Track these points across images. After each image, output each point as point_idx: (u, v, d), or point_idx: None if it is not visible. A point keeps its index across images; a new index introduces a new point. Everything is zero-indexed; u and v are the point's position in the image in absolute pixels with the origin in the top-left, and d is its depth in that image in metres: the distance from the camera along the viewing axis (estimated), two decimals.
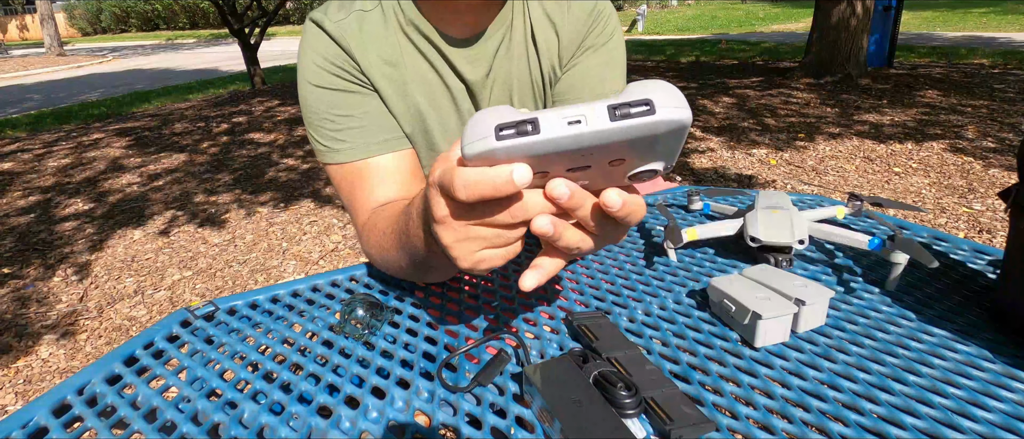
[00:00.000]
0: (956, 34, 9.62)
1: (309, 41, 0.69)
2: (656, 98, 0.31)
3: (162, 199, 3.54)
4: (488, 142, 0.32)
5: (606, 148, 0.33)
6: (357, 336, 0.62)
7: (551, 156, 0.33)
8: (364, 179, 0.70)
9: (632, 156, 0.34)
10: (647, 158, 0.35)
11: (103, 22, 25.89)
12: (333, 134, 0.70)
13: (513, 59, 0.73)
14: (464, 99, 0.73)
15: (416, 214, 0.49)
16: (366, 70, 0.69)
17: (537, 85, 0.75)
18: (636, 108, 0.31)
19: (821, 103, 5.11)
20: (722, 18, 15.41)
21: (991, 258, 0.79)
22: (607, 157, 0.34)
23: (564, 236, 0.38)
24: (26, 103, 7.98)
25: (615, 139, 0.31)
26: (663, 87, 0.31)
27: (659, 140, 0.32)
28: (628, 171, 0.36)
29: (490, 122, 0.32)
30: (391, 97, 0.71)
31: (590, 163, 0.35)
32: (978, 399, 0.50)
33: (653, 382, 0.50)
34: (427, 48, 0.70)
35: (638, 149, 0.33)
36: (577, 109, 0.31)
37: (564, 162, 0.34)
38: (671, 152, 0.35)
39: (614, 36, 0.75)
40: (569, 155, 0.33)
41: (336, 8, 0.69)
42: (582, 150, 0.32)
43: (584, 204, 0.37)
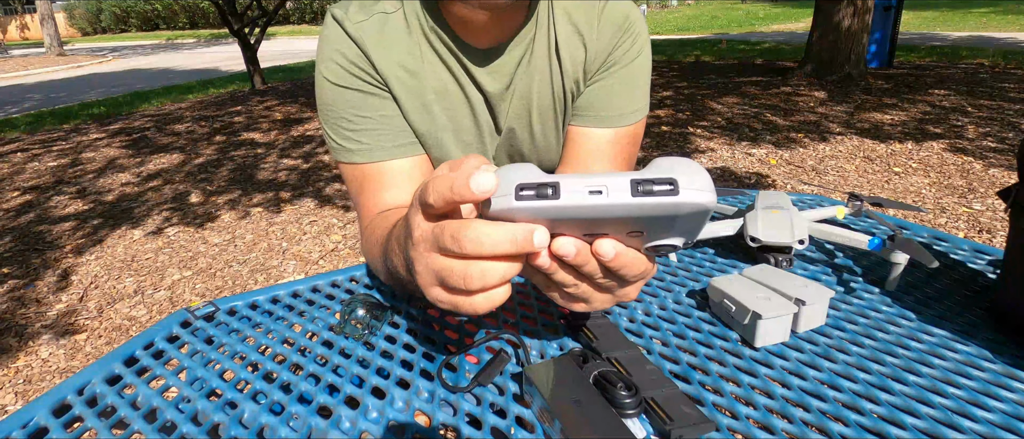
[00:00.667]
0: (957, 34, 9.62)
1: (329, 37, 0.68)
2: (681, 179, 0.30)
3: (162, 199, 3.54)
4: (507, 201, 0.32)
5: (623, 221, 0.33)
6: (357, 336, 0.62)
7: (571, 222, 0.33)
8: (373, 182, 0.69)
9: (650, 231, 0.34)
10: (665, 234, 0.35)
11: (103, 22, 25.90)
12: (348, 133, 0.69)
13: (534, 73, 0.71)
14: (483, 111, 0.72)
15: (396, 236, 0.47)
16: (383, 74, 0.68)
17: (558, 99, 0.73)
18: (659, 186, 0.30)
19: (821, 103, 5.11)
20: (722, 18, 15.41)
21: (991, 258, 0.79)
22: (625, 229, 0.34)
23: (557, 273, 0.38)
24: (26, 103, 7.98)
25: (633, 214, 0.31)
26: (690, 167, 0.31)
27: (679, 220, 0.32)
28: (645, 243, 0.36)
29: (512, 181, 0.32)
30: (408, 105, 0.70)
31: (607, 231, 0.35)
32: (978, 399, 0.50)
33: (653, 382, 0.50)
34: (448, 57, 0.69)
35: (657, 226, 0.33)
36: (600, 179, 0.31)
37: (581, 227, 0.34)
38: (692, 231, 0.34)
39: (642, 52, 0.73)
40: (586, 222, 0.33)
41: (357, 8, 0.68)
42: (600, 220, 0.32)
43: (590, 261, 0.36)
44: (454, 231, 0.34)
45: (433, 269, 0.36)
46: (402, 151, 0.70)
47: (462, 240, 0.33)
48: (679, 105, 5.34)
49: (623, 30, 0.71)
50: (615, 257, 0.35)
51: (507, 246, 0.33)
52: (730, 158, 3.76)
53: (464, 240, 0.33)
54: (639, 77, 0.73)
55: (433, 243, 0.36)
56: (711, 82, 6.40)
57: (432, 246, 0.36)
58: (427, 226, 0.36)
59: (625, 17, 0.71)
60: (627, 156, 0.76)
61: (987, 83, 5.47)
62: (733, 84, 6.21)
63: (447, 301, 0.37)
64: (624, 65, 0.72)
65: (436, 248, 0.35)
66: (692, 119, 4.79)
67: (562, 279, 0.38)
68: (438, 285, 0.37)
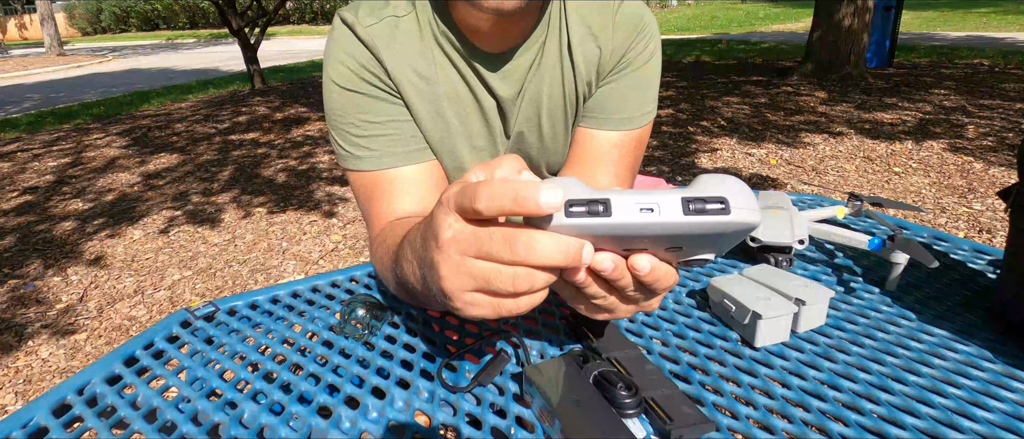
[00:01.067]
0: (957, 34, 9.62)
1: (338, 41, 0.66)
2: (732, 199, 0.31)
3: (162, 199, 3.54)
4: (557, 218, 0.31)
5: (668, 238, 0.33)
6: (357, 336, 0.62)
7: (616, 238, 0.33)
8: (383, 190, 0.68)
9: (690, 246, 0.34)
10: (704, 250, 0.35)
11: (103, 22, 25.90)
12: (356, 140, 0.67)
13: (545, 77, 0.70)
14: (495, 117, 0.71)
15: (411, 241, 0.45)
16: (395, 79, 0.67)
17: (570, 101, 0.72)
18: (711, 205, 0.31)
19: (821, 103, 5.11)
20: (722, 18, 15.41)
21: (991, 258, 0.79)
22: (665, 245, 0.34)
23: (590, 287, 0.38)
24: (26, 103, 7.98)
25: (683, 232, 0.31)
26: (737, 186, 0.31)
27: (724, 237, 0.33)
28: (681, 258, 0.36)
29: (558, 200, 0.31)
30: (421, 110, 0.68)
31: (646, 246, 0.35)
32: (978, 399, 0.51)
33: (653, 382, 0.50)
34: (460, 62, 0.68)
35: (699, 242, 0.33)
36: (651, 197, 0.31)
37: (622, 243, 0.34)
38: (727, 246, 0.35)
39: (654, 55, 0.72)
40: (630, 238, 0.33)
41: (367, 10, 0.66)
42: (648, 237, 0.32)
43: (625, 276, 0.37)
44: (508, 236, 0.33)
45: (471, 273, 0.35)
46: (413, 157, 0.69)
47: (516, 246, 0.33)
48: (679, 105, 5.34)
49: (637, 32, 0.70)
50: (650, 272, 0.36)
51: (559, 258, 0.33)
52: (730, 158, 3.76)
53: (518, 246, 0.33)
54: (650, 80, 0.73)
55: (473, 246, 0.34)
56: (711, 82, 6.40)
57: (470, 249, 0.35)
58: (465, 228, 0.35)
59: (640, 19, 0.70)
60: (633, 158, 0.76)
61: (987, 83, 5.48)
62: (733, 84, 6.21)
63: (486, 304, 0.37)
64: (636, 67, 0.71)
65: (476, 252, 0.35)
66: (692, 119, 4.79)
67: (593, 292, 0.39)
68: (474, 289, 0.36)
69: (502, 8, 0.56)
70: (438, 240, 0.36)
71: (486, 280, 0.35)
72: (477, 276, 0.35)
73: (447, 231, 0.35)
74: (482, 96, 0.70)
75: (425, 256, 0.39)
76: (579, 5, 0.69)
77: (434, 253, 0.37)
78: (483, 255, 0.35)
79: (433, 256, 0.37)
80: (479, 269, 0.35)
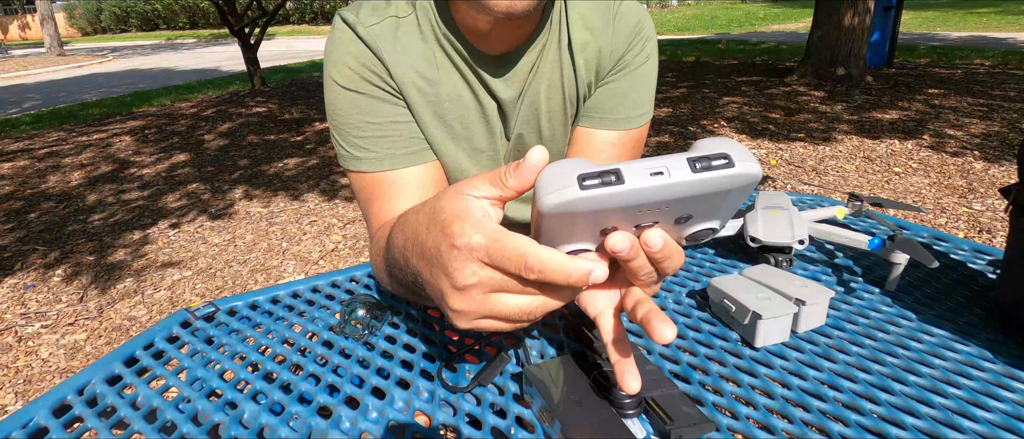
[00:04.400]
0: (957, 34, 9.62)
1: (339, 41, 0.66)
2: (734, 154, 0.31)
3: (162, 199, 3.54)
4: (572, 191, 0.31)
5: (681, 202, 0.33)
6: (357, 336, 0.62)
7: (628, 210, 0.33)
8: (383, 191, 0.67)
9: (700, 212, 0.34)
10: (711, 215, 0.35)
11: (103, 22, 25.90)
12: (357, 140, 0.67)
13: (544, 79, 0.70)
14: (495, 119, 0.71)
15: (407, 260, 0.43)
16: (397, 80, 0.66)
17: (570, 101, 0.73)
18: (716, 161, 0.31)
19: (821, 103, 5.11)
20: (722, 18, 15.41)
21: (991, 258, 0.79)
22: (678, 212, 0.34)
23: None
24: (26, 103, 7.98)
25: (694, 192, 0.32)
26: (735, 144, 0.32)
27: (730, 195, 0.33)
28: (689, 230, 0.36)
29: (571, 172, 0.31)
30: (423, 112, 0.68)
31: (659, 219, 0.34)
32: (978, 399, 0.51)
33: (653, 382, 0.50)
34: (462, 65, 0.68)
35: (708, 204, 0.33)
36: (657, 161, 0.31)
37: (636, 217, 0.34)
38: (731, 210, 0.35)
39: (651, 56, 0.73)
40: (645, 210, 0.33)
41: (369, 10, 0.66)
42: (660, 203, 0.32)
43: (639, 256, 0.36)
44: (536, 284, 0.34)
45: (491, 310, 0.35)
46: (413, 159, 0.69)
47: (543, 288, 0.34)
48: (679, 105, 5.34)
49: (636, 32, 0.71)
50: (663, 248, 0.35)
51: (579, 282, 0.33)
52: None
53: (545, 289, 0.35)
54: (647, 80, 0.73)
55: (497, 287, 0.35)
56: (711, 82, 6.40)
57: (493, 288, 0.35)
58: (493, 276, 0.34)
59: (638, 20, 0.71)
60: (631, 158, 0.76)
61: (987, 83, 5.47)
62: (733, 84, 6.21)
63: (492, 327, 0.37)
64: (635, 68, 0.72)
65: (500, 289, 0.35)
66: (692, 119, 4.79)
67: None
68: (484, 316, 0.36)
69: (512, 10, 0.56)
70: (456, 283, 0.35)
71: (505, 316, 0.35)
72: (498, 312, 0.35)
73: (471, 278, 0.34)
74: (483, 98, 0.70)
75: (435, 282, 0.38)
76: (579, 6, 0.69)
77: (449, 289, 0.36)
78: (508, 291, 0.35)
79: (447, 290, 0.36)
80: (499, 308, 0.35)
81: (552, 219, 0.33)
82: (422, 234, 0.40)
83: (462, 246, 0.34)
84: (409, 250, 0.43)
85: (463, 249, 0.34)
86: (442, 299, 0.37)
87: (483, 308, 0.35)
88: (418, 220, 0.42)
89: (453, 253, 0.35)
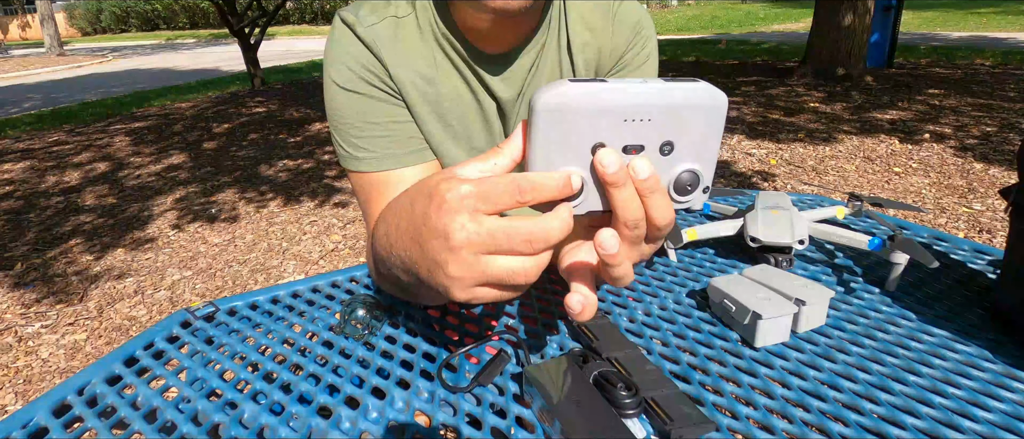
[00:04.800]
0: (957, 34, 9.61)
1: (339, 41, 0.66)
2: (700, 79, 0.37)
3: (162, 199, 3.54)
4: (563, 88, 0.35)
5: (661, 114, 0.37)
6: (357, 336, 0.62)
7: (614, 118, 0.36)
8: (382, 191, 0.68)
9: (681, 142, 0.38)
10: (690, 151, 0.38)
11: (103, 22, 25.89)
12: (356, 141, 0.67)
13: (544, 78, 0.70)
14: (495, 119, 0.71)
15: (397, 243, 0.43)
16: (397, 80, 0.67)
17: None
18: (685, 80, 0.37)
19: (821, 103, 5.11)
20: (722, 18, 15.41)
21: (991, 258, 0.79)
22: (661, 134, 0.37)
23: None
24: (26, 103, 7.98)
25: (670, 101, 0.36)
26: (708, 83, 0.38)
27: (701, 118, 0.37)
28: (674, 169, 0.39)
29: (561, 81, 0.36)
30: (423, 112, 0.68)
31: (644, 142, 0.37)
32: (978, 399, 0.51)
33: (653, 382, 0.50)
34: (461, 65, 0.68)
35: (685, 126, 0.37)
36: (635, 80, 0.37)
37: (622, 134, 0.37)
38: (707, 147, 0.38)
39: (651, 56, 0.72)
40: (630, 122, 0.36)
41: (368, 10, 0.66)
42: (641, 108, 0.36)
43: (628, 182, 0.37)
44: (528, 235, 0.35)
45: (485, 271, 0.36)
46: (412, 159, 0.69)
47: (536, 242, 0.35)
48: None
49: (635, 32, 0.71)
50: (649, 177, 0.37)
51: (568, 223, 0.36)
52: (730, 157, 3.76)
53: (537, 242, 0.35)
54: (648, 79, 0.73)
55: (490, 246, 0.35)
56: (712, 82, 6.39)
57: (486, 248, 0.35)
58: (481, 230, 0.35)
59: (637, 20, 0.71)
60: None
61: (987, 83, 5.47)
62: (733, 84, 6.21)
63: (490, 296, 0.38)
64: (635, 68, 0.72)
65: (494, 250, 0.36)
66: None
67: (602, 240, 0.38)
68: (481, 284, 0.37)
69: (507, 8, 0.56)
70: (450, 241, 0.36)
71: (500, 278, 0.36)
72: (491, 274, 0.36)
73: (460, 232, 0.35)
74: (483, 98, 0.70)
75: (425, 254, 0.38)
76: (579, 6, 0.69)
77: (443, 253, 0.36)
78: (500, 252, 0.36)
79: (440, 256, 0.37)
80: (495, 268, 0.36)
81: (545, 124, 0.36)
82: (407, 213, 0.41)
83: (451, 199, 0.35)
84: (394, 236, 0.43)
85: (452, 202, 0.35)
86: (436, 270, 0.38)
87: (477, 271, 0.36)
88: (401, 203, 0.43)
89: (442, 211, 0.36)
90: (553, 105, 0.35)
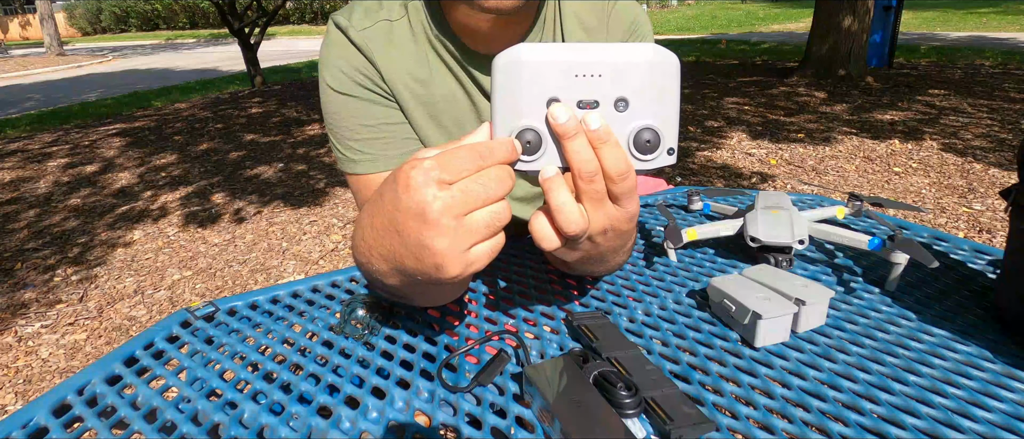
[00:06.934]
0: (957, 34, 9.61)
1: (332, 45, 0.67)
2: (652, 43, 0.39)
3: (162, 199, 3.54)
4: (519, 46, 0.38)
5: (612, 70, 0.38)
6: (357, 336, 0.62)
7: (566, 73, 0.38)
8: None
9: (636, 98, 0.39)
10: (645, 108, 0.39)
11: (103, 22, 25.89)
12: (351, 143, 0.68)
13: None
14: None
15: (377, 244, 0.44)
16: (390, 83, 0.67)
17: None
18: (634, 44, 0.39)
19: (821, 103, 5.11)
20: (722, 18, 15.40)
21: (991, 258, 0.79)
22: (614, 90, 0.39)
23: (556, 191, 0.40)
24: (26, 103, 7.98)
25: (618, 57, 0.38)
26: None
27: (653, 74, 0.39)
28: (630, 122, 0.40)
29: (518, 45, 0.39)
30: (416, 114, 0.69)
31: (598, 97, 0.39)
32: (978, 399, 0.50)
33: (653, 382, 0.50)
34: (455, 66, 0.68)
35: (639, 82, 0.39)
36: None
37: (576, 89, 0.39)
38: (663, 104, 0.39)
39: None
40: (582, 81, 0.39)
41: (361, 14, 0.67)
42: (592, 64, 0.38)
43: (579, 133, 0.39)
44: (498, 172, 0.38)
45: (470, 228, 0.38)
46: (406, 160, 0.69)
47: (502, 172, 0.38)
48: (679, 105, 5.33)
49: (631, 31, 0.71)
50: (600, 127, 0.38)
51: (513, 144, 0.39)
52: (730, 157, 3.76)
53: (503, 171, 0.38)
54: None
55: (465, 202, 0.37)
56: (711, 82, 6.40)
57: (463, 207, 0.37)
58: (453, 191, 0.37)
59: (633, 20, 0.71)
60: None
61: (987, 83, 5.47)
62: (733, 84, 6.21)
63: (484, 253, 0.39)
64: None
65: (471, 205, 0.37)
66: (693, 119, 4.78)
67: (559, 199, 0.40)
68: (473, 244, 0.38)
69: (501, 7, 0.56)
70: (427, 215, 0.37)
71: (484, 231, 0.38)
72: (476, 229, 0.38)
73: (435, 202, 0.37)
74: (477, 98, 0.70)
75: (407, 241, 0.39)
76: (574, 5, 0.69)
77: (424, 232, 0.38)
78: (477, 206, 0.37)
79: (423, 236, 0.38)
80: (477, 222, 0.38)
81: (502, 81, 0.39)
82: (379, 208, 0.42)
83: (416, 176, 0.37)
84: (371, 238, 0.44)
85: (418, 177, 0.37)
86: (423, 253, 0.39)
87: (462, 234, 0.37)
88: (371, 204, 0.44)
89: (411, 191, 0.37)
90: (506, 61, 0.38)
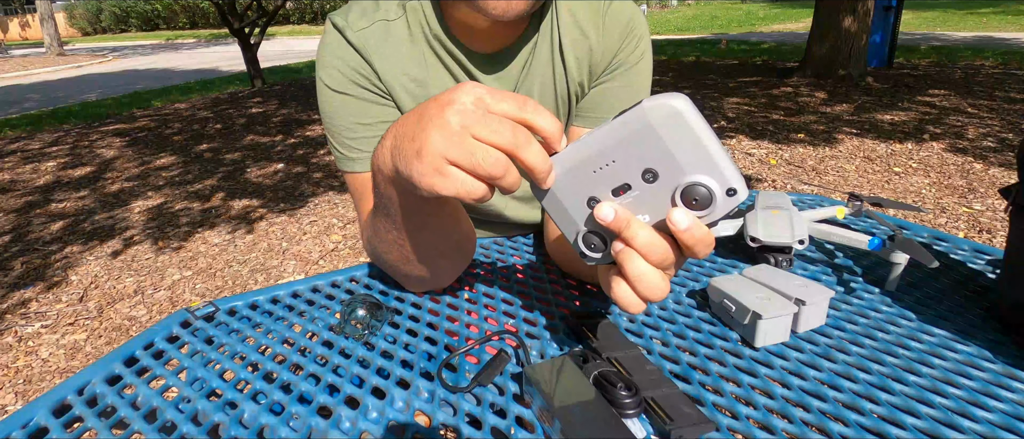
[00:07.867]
0: (957, 34, 9.61)
1: (330, 45, 0.67)
2: (646, 101, 0.36)
3: (162, 199, 3.54)
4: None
5: (627, 150, 0.37)
6: (357, 336, 0.62)
7: (589, 167, 0.38)
8: None
9: (660, 165, 0.37)
10: (673, 167, 0.37)
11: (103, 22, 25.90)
12: (349, 142, 0.69)
13: (536, 77, 0.71)
14: None
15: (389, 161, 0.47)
16: (386, 82, 0.67)
17: (562, 101, 0.73)
18: (630, 107, 0.36)
19: (821, 103, 5.11)
20: (722, 18, 15.41)
21: (991, 258, 0.79)
22: (633, 167, 0.38)
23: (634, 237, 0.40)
24: (26, 103, 7.98)
25: (625, 134, 0.36)
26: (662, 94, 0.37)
27: (664, 133, 0.36)
28: (670, 188, 0.38)
29: None
30: None
31: (625, 181, 0.38)
32: (978, 399, 0.50)
33: (653, 382, 0.50)
34: (453, 65, 0.68)
35: (654, 149, 0.36)
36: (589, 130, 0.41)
37: (606, 180, 0.39)
38: (696, 154, 0.36)
39: (644, 55, 0.73)
40: (606, 169, 0.38)
41: (358, 14, 0.67)
42: (607, 152, 0.38)
43: (631, 223, 0.39)
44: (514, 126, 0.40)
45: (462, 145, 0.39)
46: None
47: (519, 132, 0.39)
48: None
49: (627, 32, 0.71)
50: (688, 227, 0.38)
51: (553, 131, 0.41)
52: None
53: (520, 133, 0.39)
54: (642, 78, 0.73)
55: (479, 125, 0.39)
56: (712, 82, 6.40)
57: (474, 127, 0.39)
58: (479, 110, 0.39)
59: (629, 19, 0.71)
60: None
61: (987, 83, 5.47)
62: (733, 84, 6.21)
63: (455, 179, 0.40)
64: (628, 68, 0.72)
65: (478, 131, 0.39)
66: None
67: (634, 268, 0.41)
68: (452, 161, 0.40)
69: (508, 13, 0.56)
70: (444, 107, 0.39)
71: (479, 158, 0.38)
72: (468, 152, 0.39)
73: (461, 103, 0.39)
74: None
75: (421, 122, 0.41)
76: (570, 5, 0.69)
77: (434, 119, 0.40)
78: (482, 137, 0.39)
79: (429, 122, 0.40)
80: (474, 147, 0.39)
81: (546, 203, 0.41)
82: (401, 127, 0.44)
83: (468, 83, 0.41)
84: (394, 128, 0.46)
85: (469, 85, 0.40)
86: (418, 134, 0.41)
87: (454, 143, 0.39)
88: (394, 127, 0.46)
89: (457, 89, 0.40)
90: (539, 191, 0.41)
